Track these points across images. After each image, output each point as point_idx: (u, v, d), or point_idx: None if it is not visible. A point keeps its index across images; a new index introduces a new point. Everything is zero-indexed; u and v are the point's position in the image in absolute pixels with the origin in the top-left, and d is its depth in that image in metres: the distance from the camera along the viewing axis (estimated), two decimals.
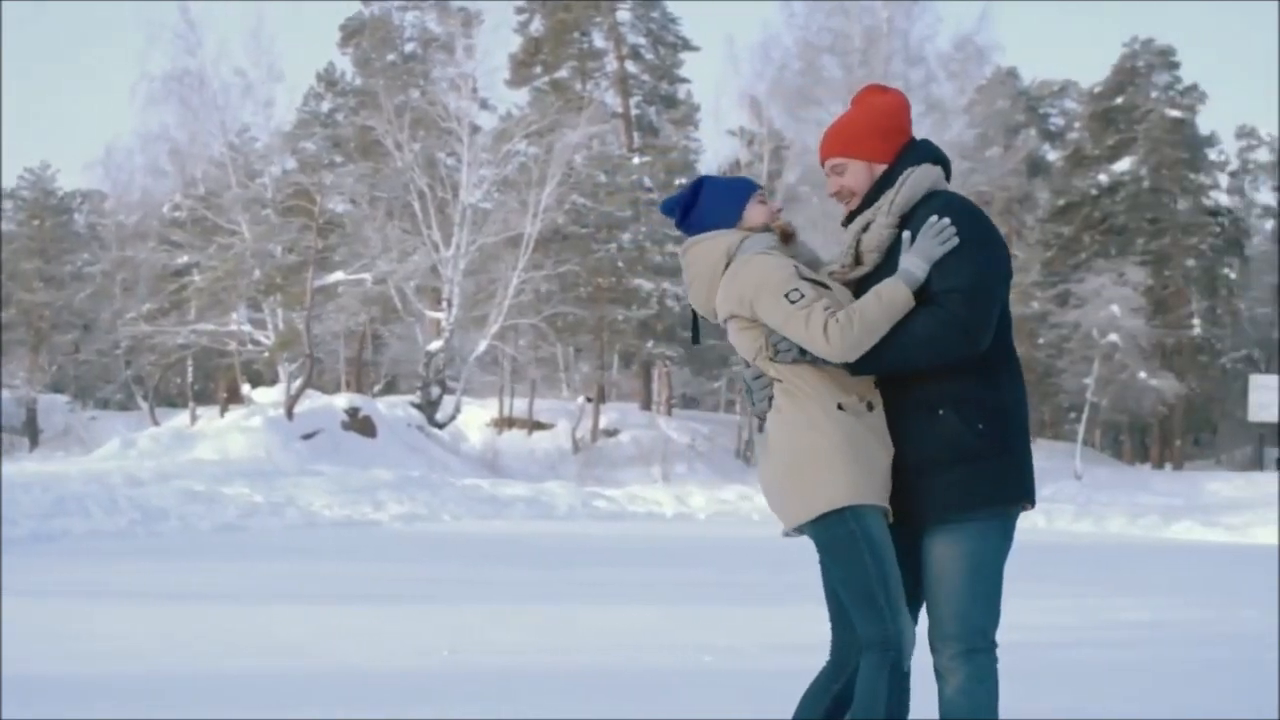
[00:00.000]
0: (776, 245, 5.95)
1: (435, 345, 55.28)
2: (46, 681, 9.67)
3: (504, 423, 62.37)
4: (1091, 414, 68.30)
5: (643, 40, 75.20)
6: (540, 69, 74.37)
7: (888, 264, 5.80)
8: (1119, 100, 79.08)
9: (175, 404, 77.16)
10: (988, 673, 5.78)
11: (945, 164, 6.02)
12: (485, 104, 67.33)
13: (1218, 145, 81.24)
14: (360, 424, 47.07)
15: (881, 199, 5.91)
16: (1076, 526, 36.63)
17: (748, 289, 5.77)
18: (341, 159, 68.39)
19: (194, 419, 58.49)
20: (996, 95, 72.85)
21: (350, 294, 58.38)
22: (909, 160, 5.95)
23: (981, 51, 65.00)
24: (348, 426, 46.54)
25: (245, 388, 58.82)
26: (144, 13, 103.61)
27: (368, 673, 10.37)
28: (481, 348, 56.48)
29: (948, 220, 5.68)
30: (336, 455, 42.24)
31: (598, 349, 67.38)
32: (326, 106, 75.95)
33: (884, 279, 5.71)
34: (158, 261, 65.46)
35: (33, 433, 69.06)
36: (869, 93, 6.19)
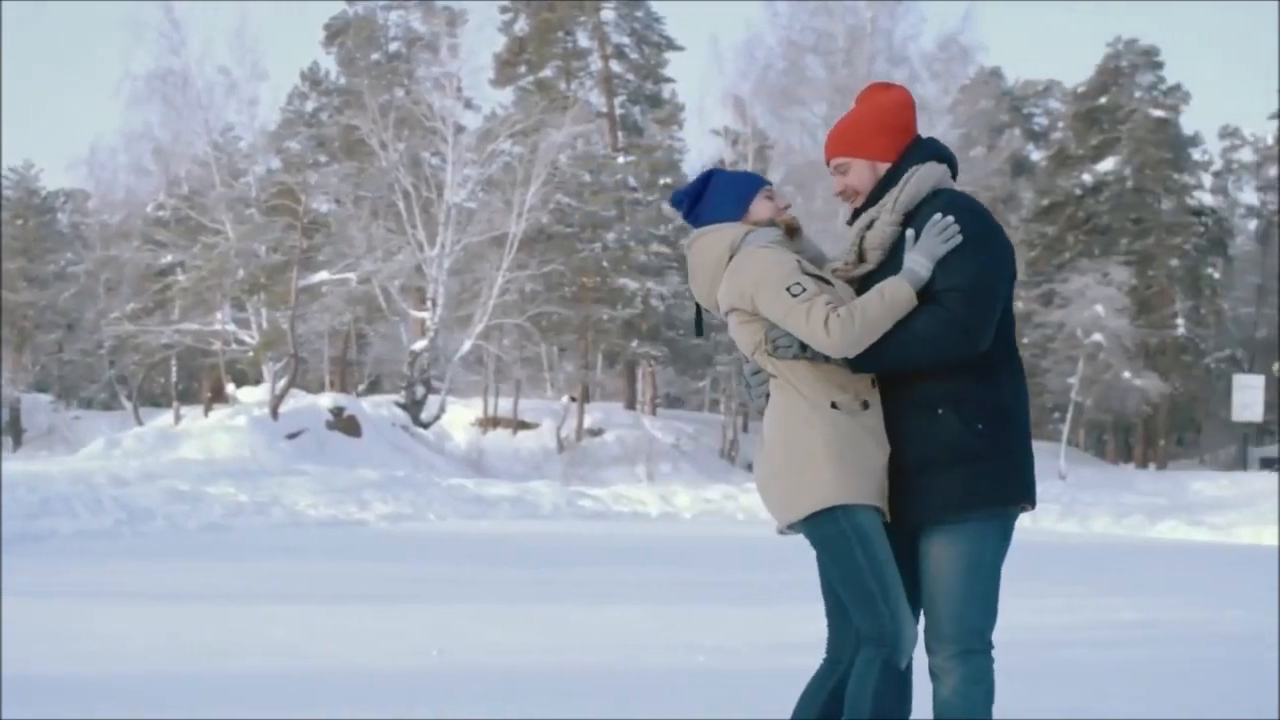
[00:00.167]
0: (780, 240, 5.94)
1: (420, 345, 55.25)
2: (46, 681, 9.65)
3: (489, 422, 62.33)
4: (1076, 414, 68.47)
5: (627, 40, 75.26)
6: (525, 68, 74.44)
7: (891, 262, 5.79)
8: (1103, 100, 79.29)
9: (159, 404, 77.04)
10: (984, 674, 5.76)
11: (951, 162, 6.01)
12: (470, 103, 67.47)
13: (1201, 145, 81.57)
14: (345, 424, 47.02)
15: (886, 197, 5.89)
16: (1061, 526, 36.72)
17: (749, 282, 5.76)
18: (326, 158, 68.42)
19: (178, 419, 58.38)
20: (980, 95, 73.01)
21: (335, 294, 58.32)
22: (914, 158, 5.94)
23: (965, 51, 65.27)
24: (332, 426, 46.50)
25: (230, 387, 58.74)
26: (128, 12, 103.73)
27: (361, 673, 10.35)
28: (466, 347, 56.45)
29: (951, 218, 5.67)
30: (321, 455, 42.20)
31: (582, 348, 67.41)
32: (311, 106, 75.94)
33: (887, 277, 5.70)
34: (141, 261, 65.46)
35: (16, 432, 68.87)
36: (872, 91, 6.18)
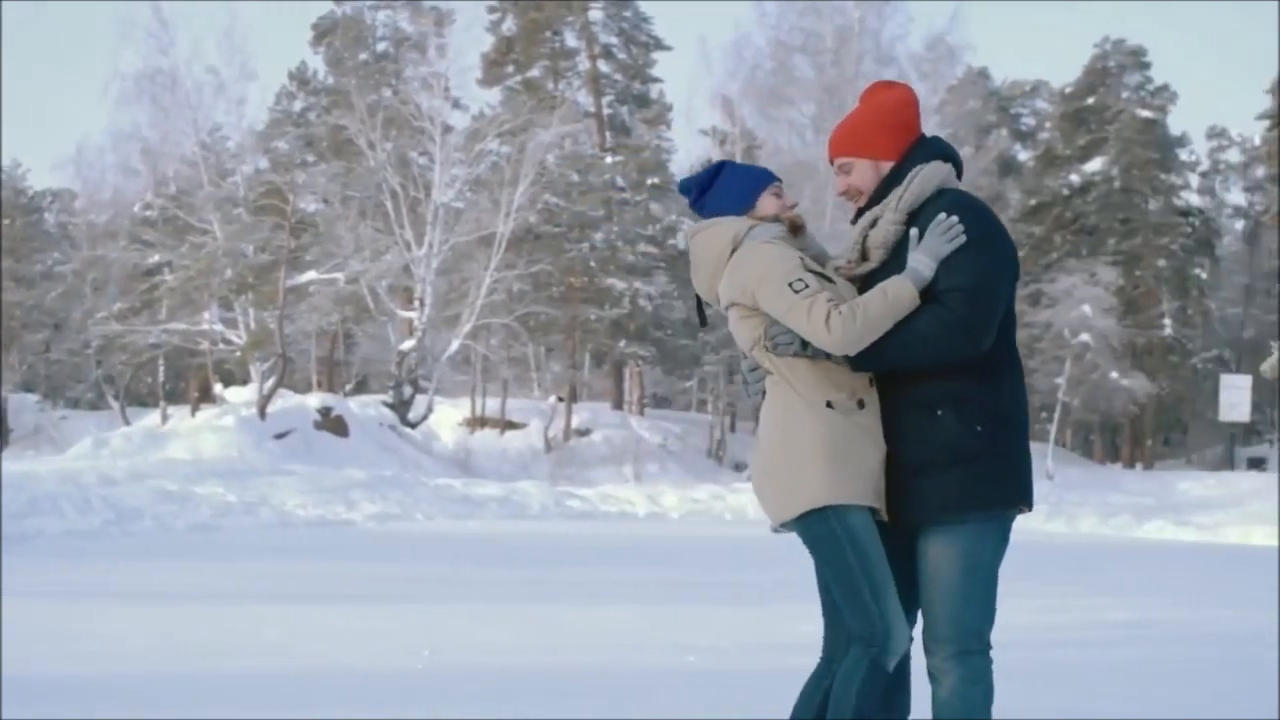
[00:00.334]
0: (784, 236, 5.91)
1: (408, 345, 55.18)
2: (45, 682, 9.63)
3: (476, 422, 62.29)
4: (1063, 414, 68.53)
5: (615, 40, 75.27)
6: (512, 68, 74.47)
7: (894, 261, 5.76)
8: (1090, 100, 79.33)
9: (146, 403, 76.90)
10: (982, 674, 5.75)
11: (955, 161, 5.97)
12: (457, 103, 67.54)
13: (1188, 145, 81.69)
14: (333, 424, 46.97)
15: (890, 195, 5.86)
16: (1049, 526, 36.73)
17: (750, 277, 5.74)
18: (314, 158, 68.34)
19: (165, 418, 58.27)
20: (968, 95, 73.16)
21: (322, 293, 58.26)
22: (918, 157, 5.91)
23: (953, 51, 65.55)
24: (320, 426, 46.44)
25: (217, 387, 58.71)
26: (116, 11, 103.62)
27: (354, 673, 10.34)
28: (454, 347, 56.39)
29: (956, 218, 5.64)
30: (309, 455, 42.14)
31: (569, 348, 67.39)
32: (299, 106, 75.87)
33: (890, 276, 5.68)
34: (129, 261, 65.37)
35: (2, 432, 68.57)
36: (875, 89, 6.15)
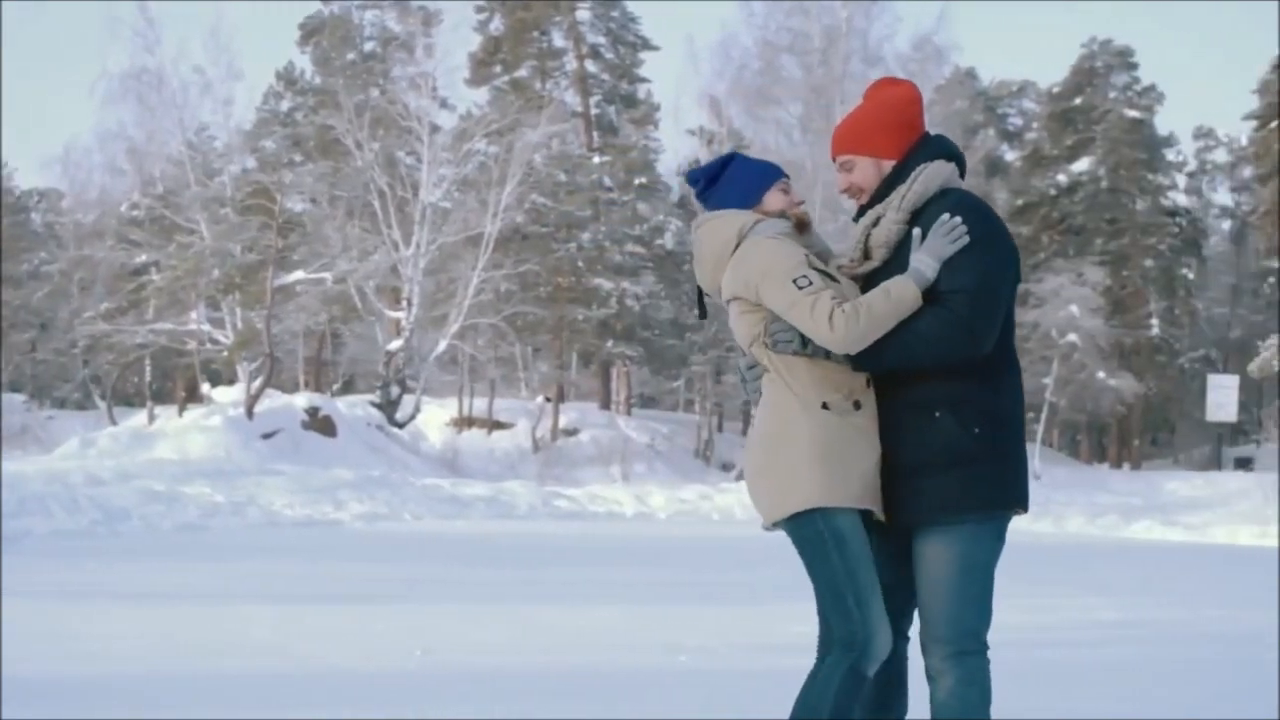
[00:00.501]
0: (789, 232, 5.88)
1: (395, 344, 55.17)
2: (40, 682, 9.59)
3: (463, 422, 62.25)
4: (1050, 414, 68.52)
5: (602, 39, 75.30)
6: (500, 68, 74.48)
7: (896, 260, 5.74)
8: (1077, 100, 79.41)
9: (133, 403, 76.81)
10: (979, 675, 5.73)
11: (959, 160, 5.94)
12: (445, 103, 67.46)
13: (1176, 146, 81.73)
14: (320, 423, 46.96)
15: (893, 194, 5.83)
16: (1036, 526, 36.75)
17: (754, 272, 5.71)
18: (301, 158, 68.23)
19: (152, 418, 58.20)
20: (955, 95, 73.08)
21: (310, 293, 58.21)
22: (921, 156, 5.88)
23: (940, 51, 65.50)
24: (308, 426, 46.43)
25: (205, 387, 58.64)
26: (103, 11, 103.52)
27: (346, 673, 10.32)
28: (441, 347, 56.35)
29: (959, 219, 5.61)
30: (297, 455, 42.11)
31: (557, 348, 67.35)
32: (286, 105, 75.79)
33: (892, 275, 5.66)
34: (116, 260, 65.33)
35: None
36: (879, 87, 6.11)
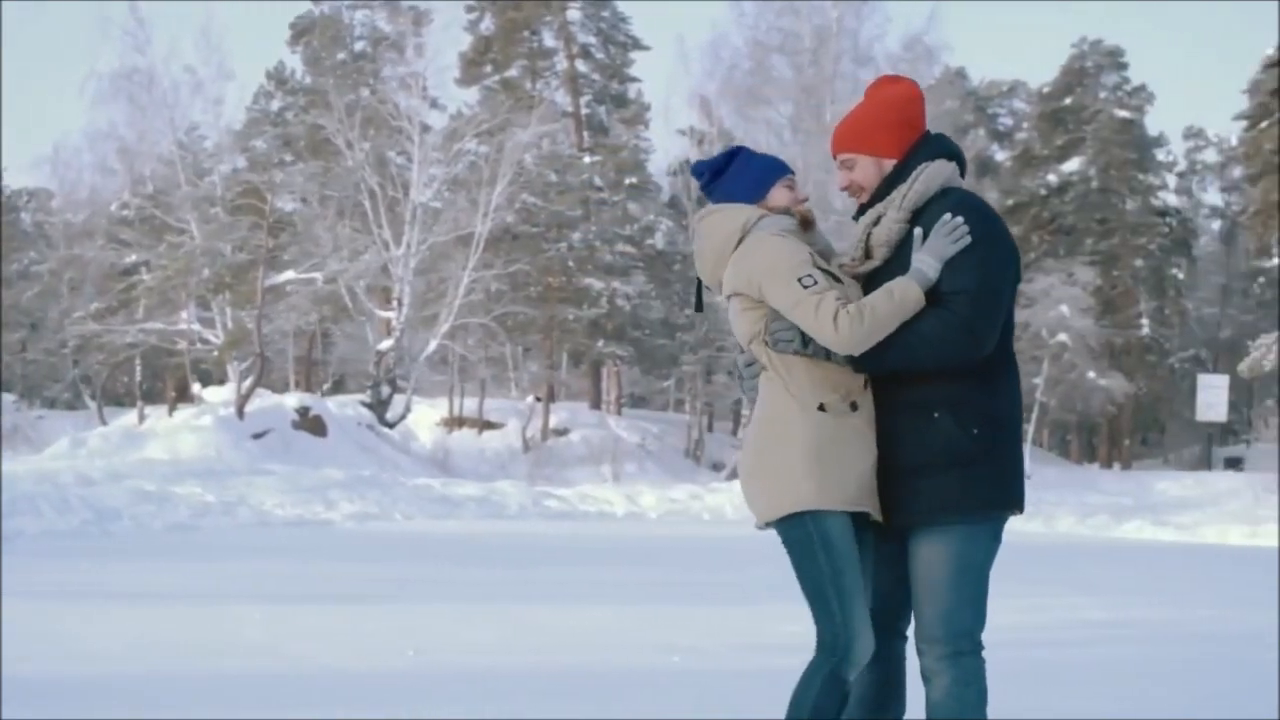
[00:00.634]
0: (794, 230, 5.86)
1: (386, 344, 55.13)
2: (34, 682, 9.57)
3: (454, 422, 62.28)
4: (1040, 414, 68.47)
5: (593, 39, 75.26)
6: (490, 68, 74.39)
7: (897, 259, 5.74)
8: (1068, 100, 79.42)
9: (123, 403, 76.72)
10: (975, 675, 5.74)
11: (959, 159, 5.93)
12: (435, 103, 67.46)
13: (1166, 146, 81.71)
14: (311, 423, 46.91)
15: (894, 193, 5.82)
16: (1027, 526, 36.70)
17: (758, 270, 5.69)
18: (291, 158, 68.16)
19: (142, 418, 58.18)
20: (945, 95, 73.04)
21: (300, 293, 58.12)
22: (923, 155, 5.87)
23: (930, 51, 65.57)
24: (298, 426, 46.37)
25: (195, 387, 58.58)
26: (94, 10, 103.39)
27: (338, 673, 10.30)
28: (432, 347, 56.34)
29: (961, 219, 5.61)
30: (287, 455, 42.06)
31: (547, 348, 67.36)
32: (276, 105, 75.68)
33: (893, 274, 5.66)
34: (106, 260, 65.25)
35: None
36: (880, 85, 6.10)
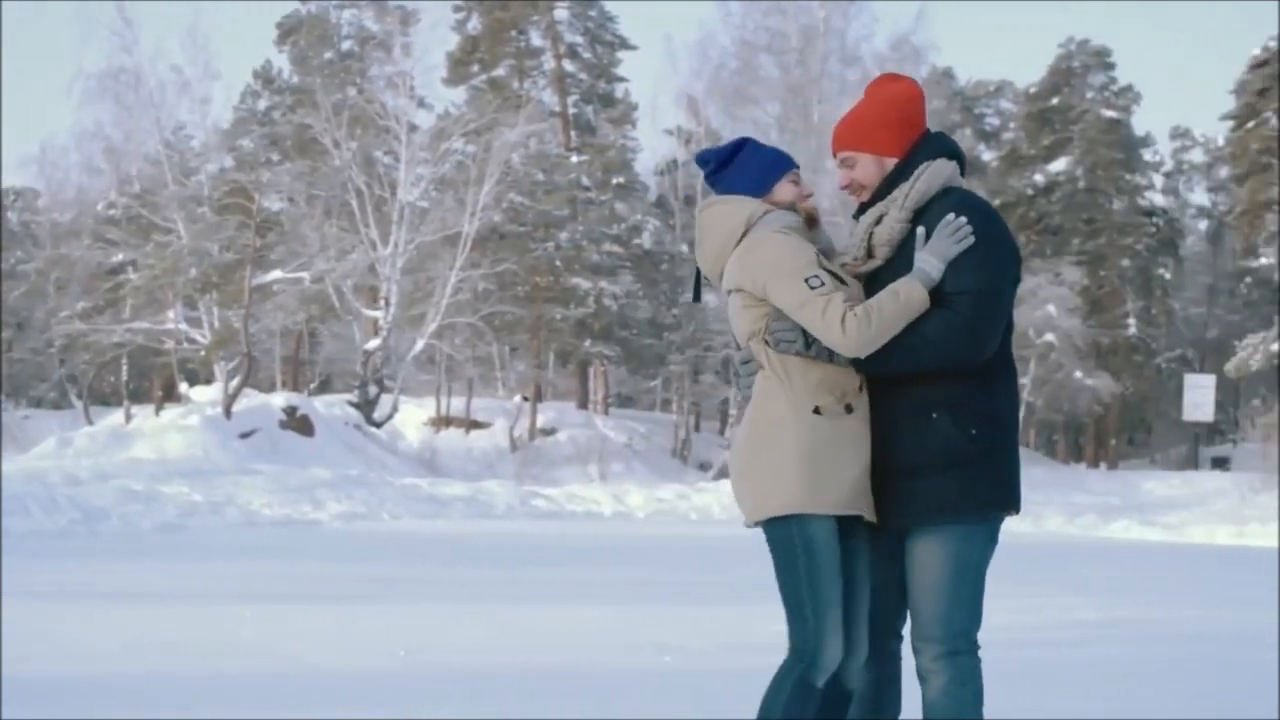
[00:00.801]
0: (798, 227, 5.83)
1: (373, 344, 55.07)
2: (40, 682, 9.54)
3: (441, 422, 62.15)
4: (1027, 413, 68.51)
5: (580, 39, 75.15)
6: (478, 67, 74.27)
7: (899, 258, 5.72)
8: (1054, 100, 79.40)
9: (109, 402, 76.53)
10: (971, 674, 5.74)
11: (960, 158, 5.93)
12: (423, 102, 67.37)
13: (1153, 146, 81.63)
14: (298, 423, 46.88)
15: (896, 192, 5.80)
16: (1015, 526, 36.38)
17: (762, 268, 5.64)
18: (279, 157, 68.05)
19: (128, 418, 58.07)
20: (932, 95, 72.79)
21: (288, 293, 58.02)
22: (924, 154, 5.86)
23: (918, 51, 65.51)
24: (285, 425, 46.35)
25: (183, 386, 58.52)
26: (81, 9, 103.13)
27: (331, 674, 10.29)
28: (419, 346, 56.29)
29: (964, 219, 5.59)
30: (274, 454, 42.03)
31: (534, 348, 67.32)
32: (263, 104, 75.50)
33: (895, 273, 5.64)
34: (92, 259, 65.12)
35: None
36: (880, 83, 6.10)
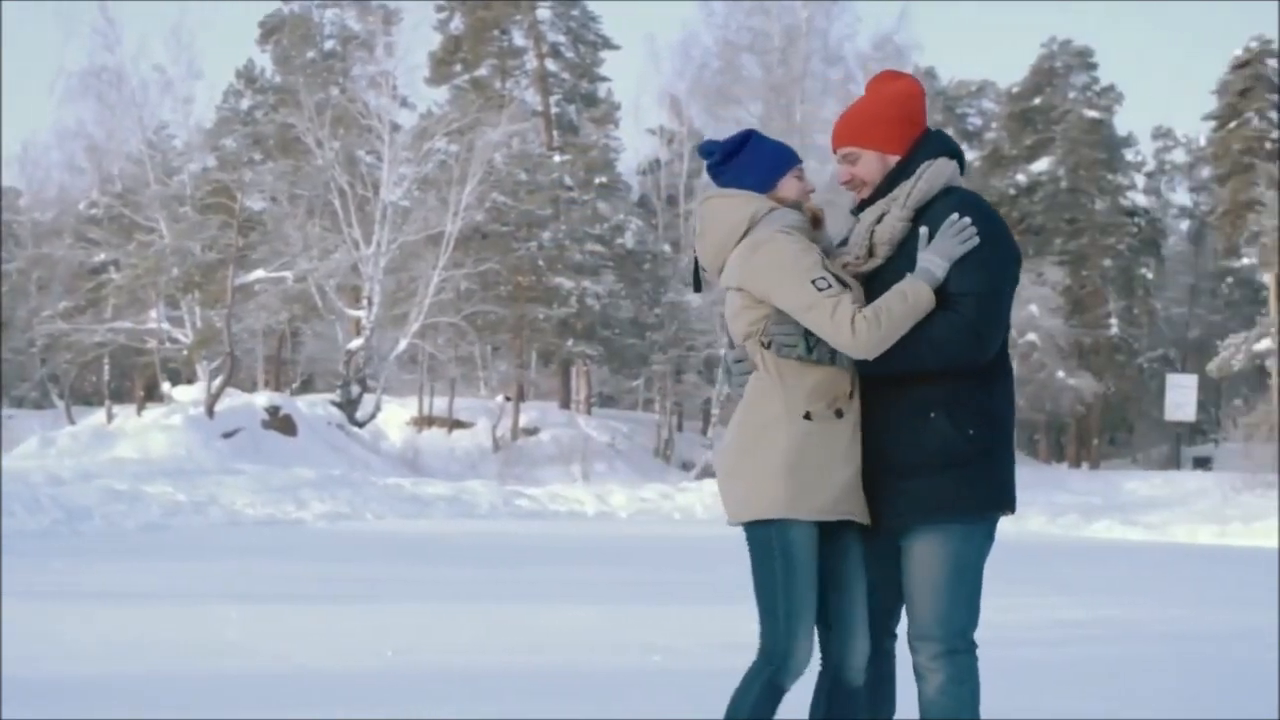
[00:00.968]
0: (802, 226, 5.78)
1: (355, 343, 55.01)
2: (40, 682, 9.51)
3: (424, 421, 62.10)
4: None
5: (563, 38, 75.10)
6: (460, 67, 74.18)
7: (899, 257, 5.69)
8: (1037, 100, 79.58)
9: (90, 402, 76.39)
10: (969, 673, 5.73)
11: (960, 157, 5.90)
12: (405, 102, 67.32)
13: (1135, 146, 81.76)
14: (281, 423, 46.85)
15: (897, 190, 5.76)
16: (999, 525, 36.72)
17: (768, 270, 5.59)
18: (261, 156, 67.89)
19: (110, 417, 57.97)
20: None
21: (270, 292, 57.93)
22: (926, 152, 5.82)
23: (900, 51, 65.52)
24: (268, 425, 46.32)
25: (165, 386, 58.43)
26: (63, 8, 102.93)
27: (318, 673, 10.28)
28: (402, 346, 56.24)
29: (969, 220, 5.57)
30: (257, 454, 42.00)
31: (517, 347, 67.24)
32: (246, 104, 75.30)
33: (896, 272, 5.61)
34: (74, 259, 64.97)
35: None
36: (881, 80, 6.05)
